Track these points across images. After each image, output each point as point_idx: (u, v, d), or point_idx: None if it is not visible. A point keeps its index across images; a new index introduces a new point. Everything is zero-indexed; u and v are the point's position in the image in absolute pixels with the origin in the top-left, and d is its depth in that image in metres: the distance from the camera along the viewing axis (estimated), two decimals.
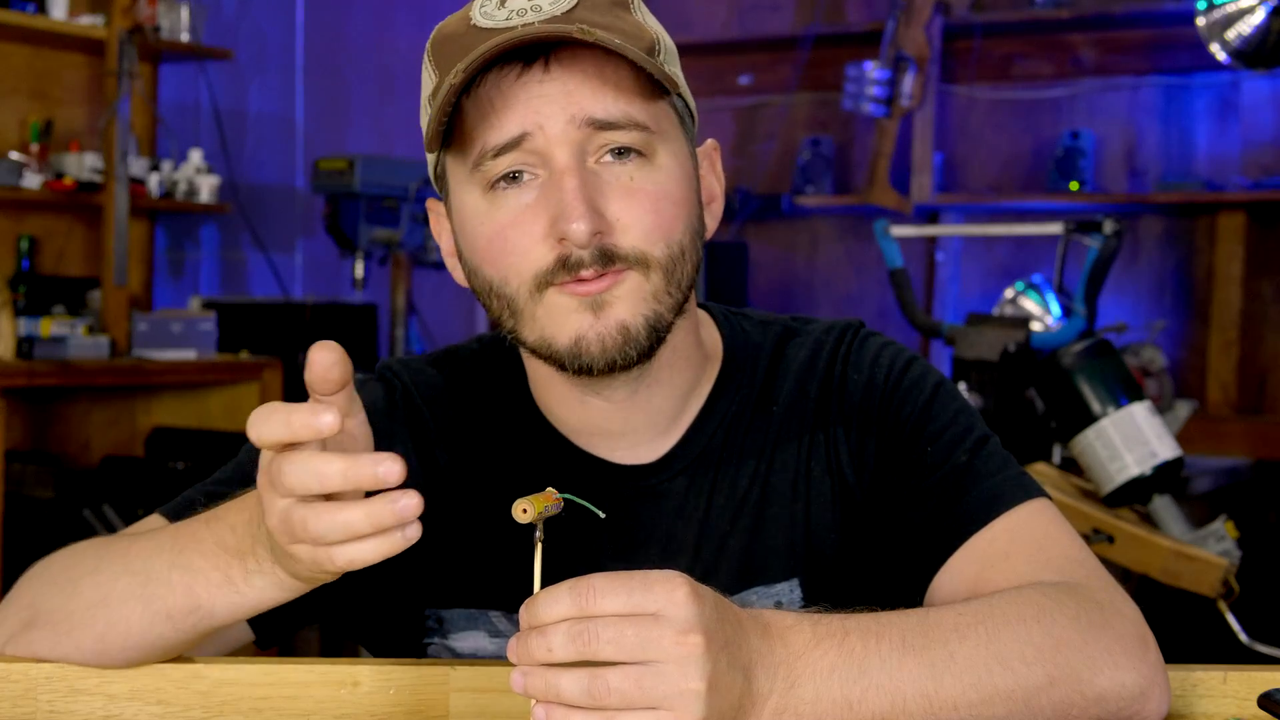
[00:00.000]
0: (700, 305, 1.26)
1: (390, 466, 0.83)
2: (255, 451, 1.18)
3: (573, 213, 1.05)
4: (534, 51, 1.07)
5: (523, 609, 0.88)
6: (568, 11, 1.07)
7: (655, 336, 1.10)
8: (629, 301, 1.08)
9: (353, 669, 1.08)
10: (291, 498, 0.87)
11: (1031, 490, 1.15)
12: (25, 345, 4.28)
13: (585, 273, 1.07)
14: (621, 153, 1.08)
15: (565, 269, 1.07)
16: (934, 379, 1.22)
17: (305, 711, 1.06)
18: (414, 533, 0.85)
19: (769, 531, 1.19)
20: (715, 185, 1.20)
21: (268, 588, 0.97)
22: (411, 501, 0.84)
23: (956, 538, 1.13)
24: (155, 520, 1.17)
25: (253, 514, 0.96)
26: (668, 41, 1.14)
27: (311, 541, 0.87)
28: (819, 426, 1.21)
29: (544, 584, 0.89)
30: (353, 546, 0.86)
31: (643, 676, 0.86)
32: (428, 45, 1.13)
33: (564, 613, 0.86)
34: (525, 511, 0.89)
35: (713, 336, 1.24)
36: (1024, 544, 1.11)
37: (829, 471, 1.20)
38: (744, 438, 1.21)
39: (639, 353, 1.09)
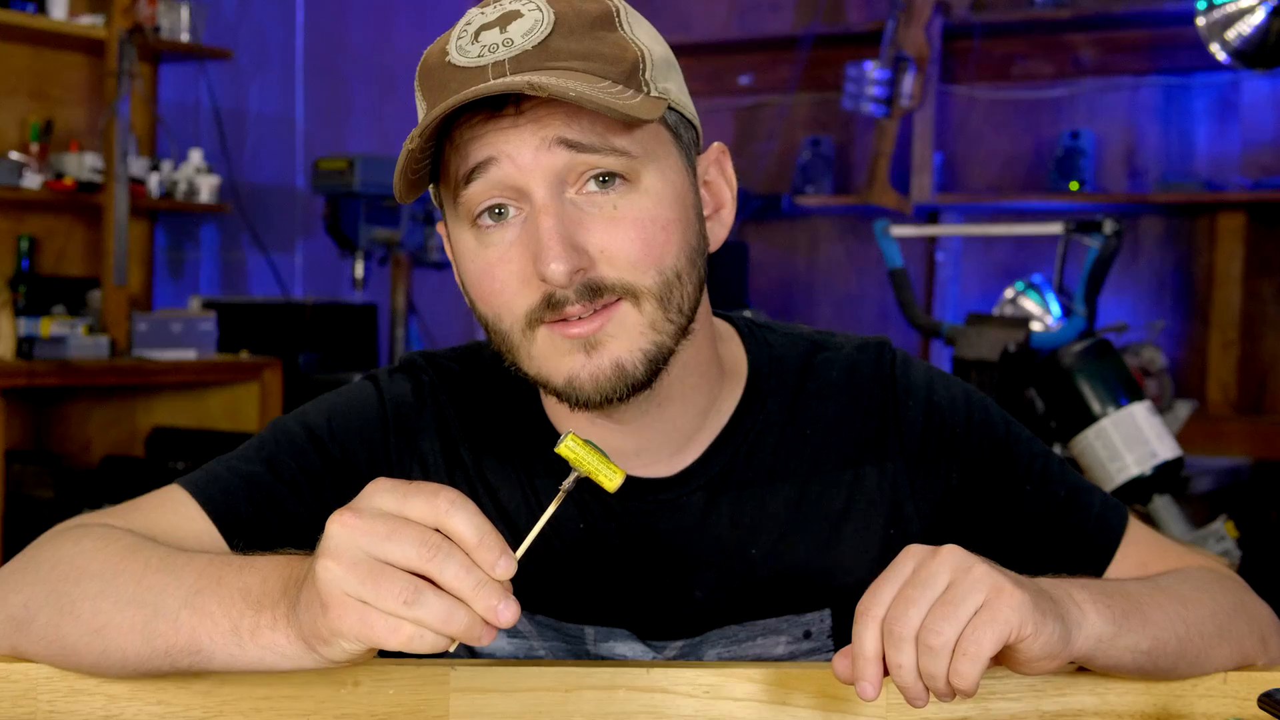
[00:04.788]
0: (723, 316, 1.23)
1: (510, 612, 0.87)
2: (289, 444, 1.19)
3: (548, 254, 1.02)
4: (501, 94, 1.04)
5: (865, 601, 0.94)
6: (540, 44, 1.03)
7: (654, 369, 1.07)
8: (623, 338, 1.06)
9: (353, 669, 1.08)
10: (403, 567, 0.86)
11: (1123, 508, 1.24)
12: (25, 345, 4.28)
13: (572, 309, 1.04)
14: (605, 180, 1.05)
15: (551, 307, 1.05)
16: (995, 409, 1.24)
17: (305, 711, 1.06)
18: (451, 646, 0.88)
19: (803, 560, 1.17)
20: (724, 190, 1.18)
21: (269, 649, 0.95)
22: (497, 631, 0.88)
23: (1104, 559, 1.21)
24: (176, 493, 1.16)
25: (294, 574, 0.94)
26: (658, 53, 1.08)
27: (396, 611, 0.86)
28: (872, 458, 1.19)
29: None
30: (416, 631, 0.86)
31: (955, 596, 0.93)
32: (418, 70, 1.10)
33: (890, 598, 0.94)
34: (569, 449, 0.91)
35: (735, 352, 1.21)
36: (1155, 559, 1.21)
37: (882, 503, 1.19)
38: (773, 459, 1.18)
39: (635, 386, 1.07)
